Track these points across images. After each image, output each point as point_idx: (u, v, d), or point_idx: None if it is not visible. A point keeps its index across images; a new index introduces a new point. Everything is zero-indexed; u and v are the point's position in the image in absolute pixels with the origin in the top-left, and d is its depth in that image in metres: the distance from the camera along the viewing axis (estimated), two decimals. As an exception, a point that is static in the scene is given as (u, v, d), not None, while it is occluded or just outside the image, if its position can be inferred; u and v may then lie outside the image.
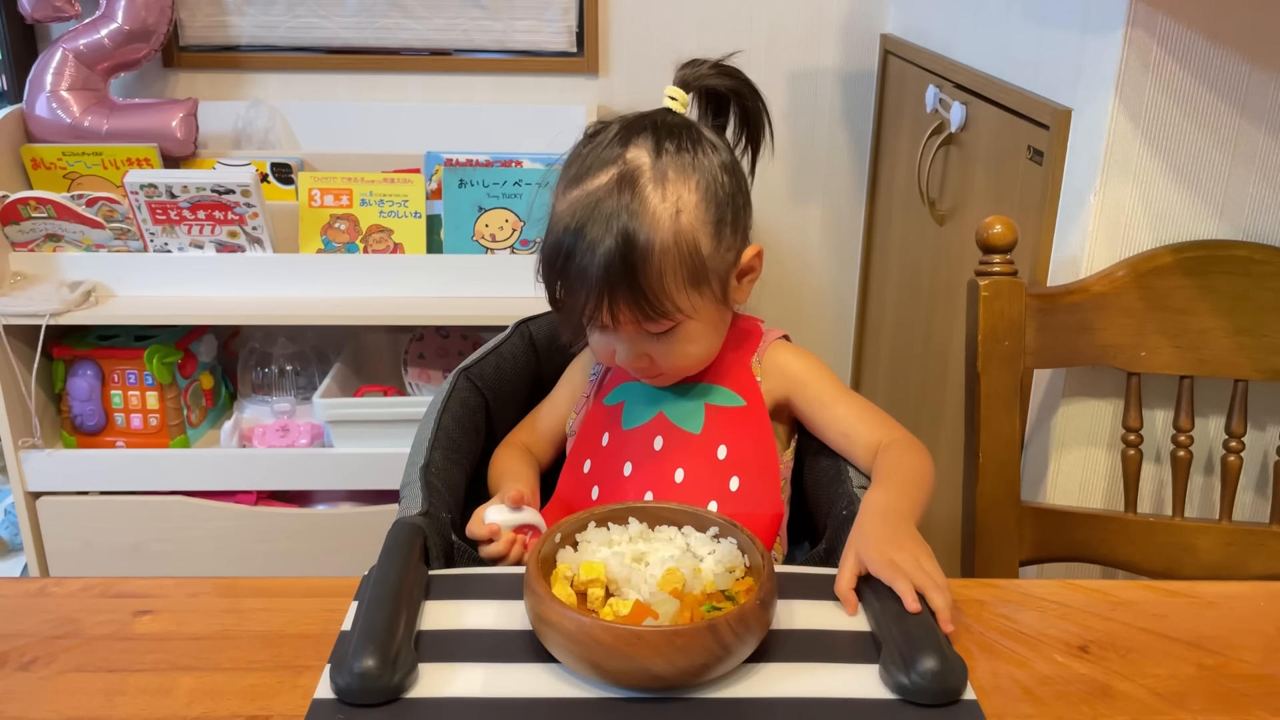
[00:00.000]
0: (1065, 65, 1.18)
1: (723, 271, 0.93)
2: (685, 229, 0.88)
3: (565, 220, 0.89)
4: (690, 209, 0.89)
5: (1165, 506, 1.17)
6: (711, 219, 0.90)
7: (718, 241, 0.91)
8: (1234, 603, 0.79)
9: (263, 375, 1.88)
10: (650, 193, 0.88)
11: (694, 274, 0.89)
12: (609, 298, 0.87)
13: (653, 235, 0.87)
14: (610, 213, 0.87)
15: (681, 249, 0.88)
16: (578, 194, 0.89)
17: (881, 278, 2.00)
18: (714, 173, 0.91)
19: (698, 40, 1.98)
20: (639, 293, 0.87)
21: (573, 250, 0.88)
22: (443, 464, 0.94)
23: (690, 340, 0.93)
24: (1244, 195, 1.11)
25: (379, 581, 0.73)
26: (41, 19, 1.77)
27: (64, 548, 1.75)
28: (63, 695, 0.67)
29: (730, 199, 0.92)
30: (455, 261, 1.69)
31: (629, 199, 0.87)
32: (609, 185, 0.88)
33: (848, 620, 0.74)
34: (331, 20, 1.95)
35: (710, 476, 0.95)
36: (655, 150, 0.90)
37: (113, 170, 1.75)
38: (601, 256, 0.86)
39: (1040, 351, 1.11)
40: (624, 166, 0.89)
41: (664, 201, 0.88)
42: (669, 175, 0.89)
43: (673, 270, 0.88)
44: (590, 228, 0.87)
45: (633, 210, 0.87)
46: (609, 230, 0.86)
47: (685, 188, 0.89)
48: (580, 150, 0.93)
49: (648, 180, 0.88)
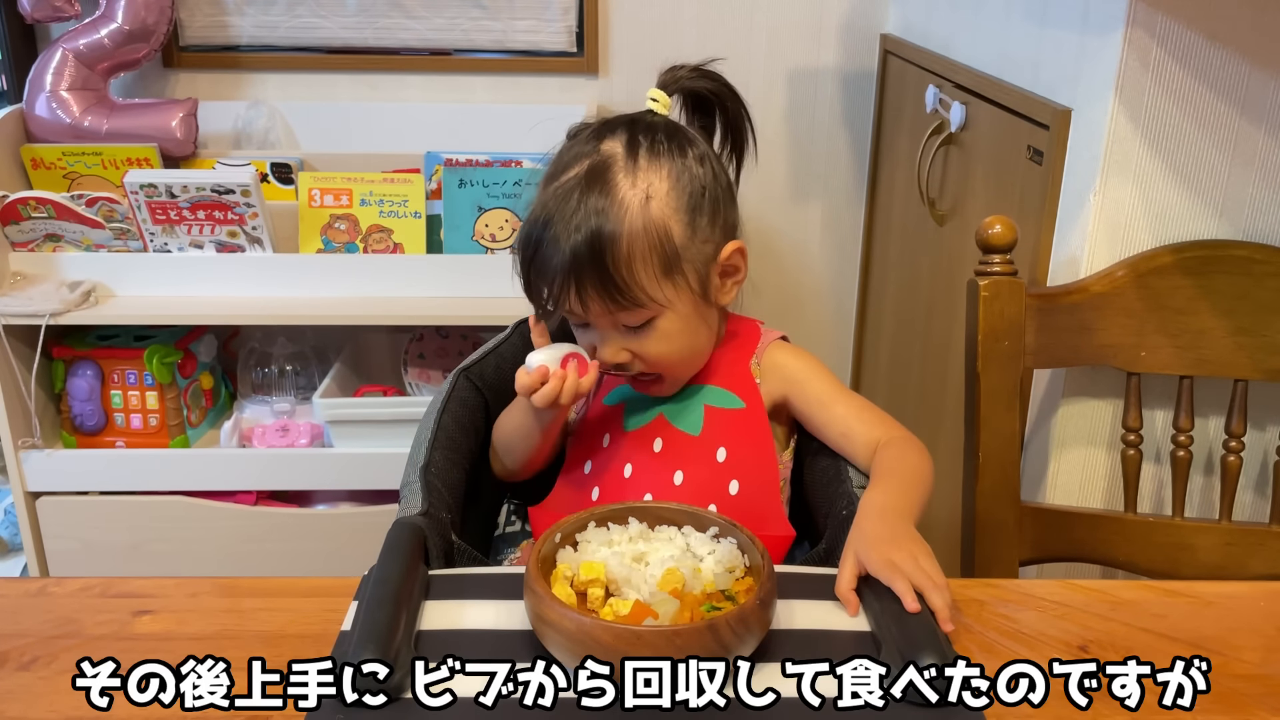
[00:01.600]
0: (1065, 65, 1.18)
1: (699, 264, 0.92)
2: (655, 215, 0.88)
3: (536, 213, 0.90)
4: (661, 196, 0.89)
5: (1165, 506, 1.17)
6: (684, 207, 0.90)
7: (691, 231, 0.91)
8: (1234, 603, 0.79)
9: (263, 375, 1.88)
10: (620, 180, 0.89)
11: (666, 262, 0.89)
12: (576, 285, 0.88)
13: (620, 220, 0.87)
14: (578, 201, 0.88)
15: (651, 235, 0.88)
16: (552, 188, 0.91)
17: (881, 278, 2.00)
18: (687, 163, 0.92)
19: (698, 40, 1.98)
20: (607, 279, 0.87)
21: (541, 239, 0.89)
22: (443, 464, 0.94)
23: (668, 336, 0.92)
24: (1244, 195, 1.11)
25: (379, 581, 0.73)
26: (41, 19, 1.77)
27: (64, 548, 1.75)
28: (63, 695, 0.67)
29: (706, 190, 0.92)
30: (455, 261, 1.69)
31: (598, 187, 0.88)
32: (579, 175, 0.90)
33: (848, 620, 0.74)
34: (331, 20, 1.95)
35: (710, 479, 0.95)
36: (628, 143, 0.91)
37: (113, 170, 1.75)
38: (568, 244, 0.87)
39: (1040, 351, 1.11)
40: (596, 158, 0.90)
41: (633, 189, 0.89)
42: (640, 164, 0.90)
43: (642, 257, 0.88)
44: (558, 217, 0.88)
45: (601, 197, 0.88)
46: (576, 217, 0.87)
47: (656, 175, 0.90)
48: (560, 150, 0.95)
49: (619, 169, 0.90)
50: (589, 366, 0.93)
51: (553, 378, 0.90)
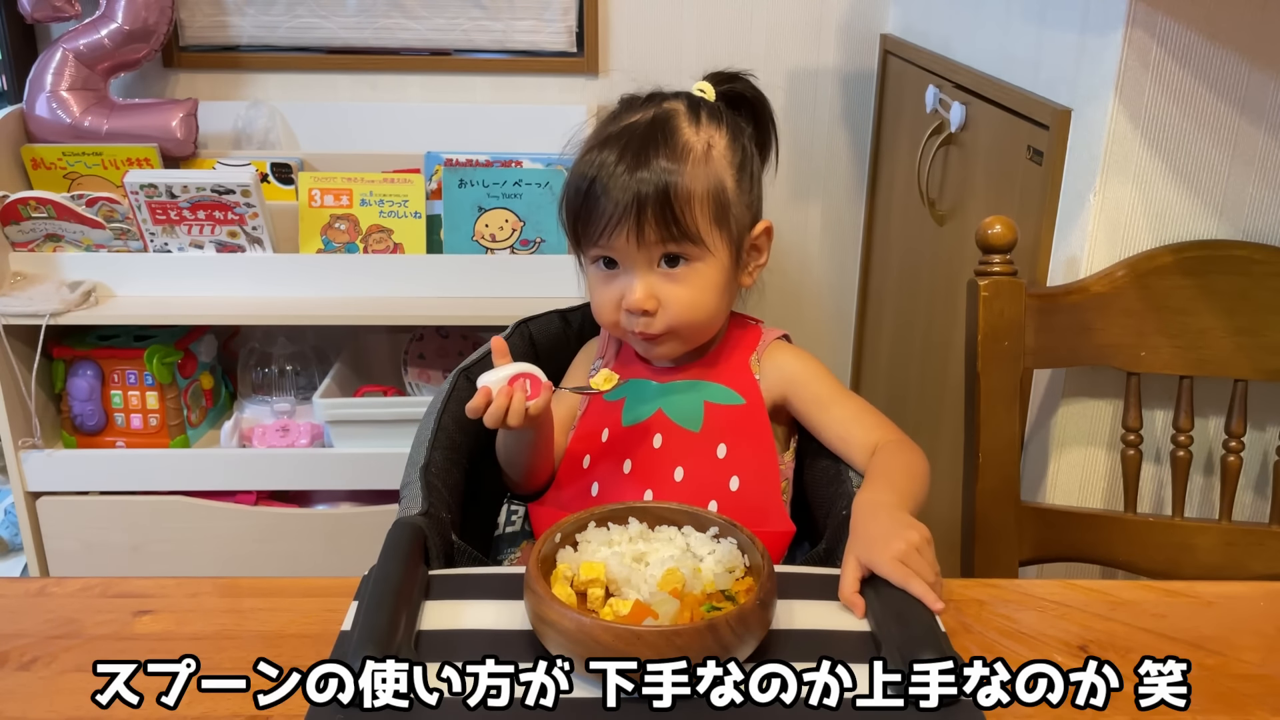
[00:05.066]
0: (1065, 65, 1.18)
1: (741, 225, 0.96)
2: (715, 162, 0.94)
3: (598, 150, 0.94)
4: (720, 148, 0.95)
5: (1165, 506, 1.17)
6: (736, 163, 0.96)
7: (740, 189, 0.96)
8: (1234, 603, 0.79)
9: (263, 375, 1.88)
10: (685, 128, 0.95)
11: (718, 209, 0.94)
12: (638, 213, 0.91)
13: (685, 159, 0.92)
14: (646, 135, 0.93)
15: (709, 179, 0.93)
16: (612, 130, 0.95)
17: (881, 278, 2.00)
18: (738, 130, 0.98)
19: (697, 40, 1.98)
20: (668, 210, 0.91)
21: (608, 165, 0.92)
22: (443, 464, 0.94)
23: (701, 287, 0.94)
24: (1244, 195, 1.11)
25: (379, 581, 0.73)
26: (41, 19, 1.77)
27: (64, 548, 1.75)
28: (63, 695, 0.67)
29: (750, 160, 0.98)
30: (455, 261, 1.69)
31: (664, 131, 0.94)
32: (644, 120, 0.95)
33: (848, 620, 0.74)
34: (331, 20, 1.95)
35: (710, 476, 0.95)
36: (690, 104, 0.97)
37: (113, 170, 1.75)
38: (634, 176, 0.91)
39: (1040, 351, 1.11)
40: (659, 111, 0.96)
41: (697, 136, 0.95)
42: (702, 120, 0.96)
43: (700, 196, 0.92)
44: (627, 148, 0.93)
45: (668, 138, 0.93)
46: (646, 147, 0.92)
47: (716, 131, 0.96)
48: (607, 117, 0.99)
49: (683, 120, 0.95)
50: (541, 388, 0.91)
51: (498, 395, 0.89)
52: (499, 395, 0.89)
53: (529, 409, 0.90)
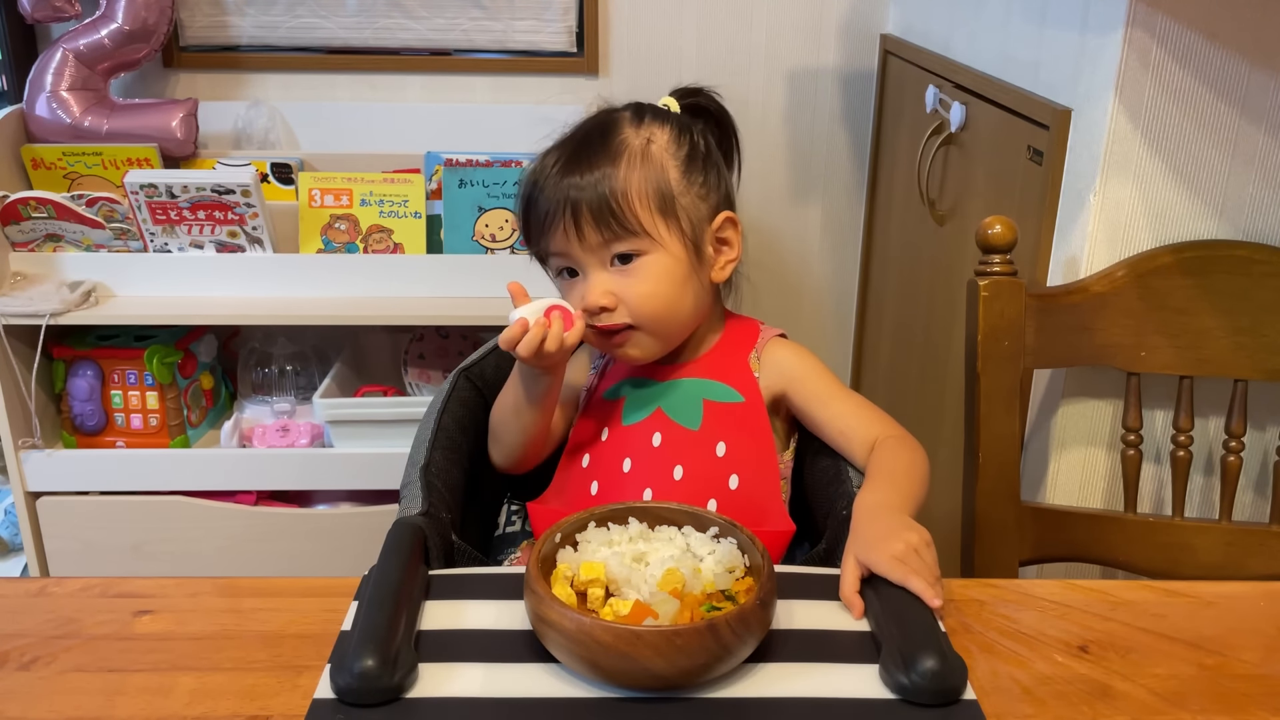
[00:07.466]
0: (1065, 65, 1.18)
1: (693, 217, 0.96)
2: (654, 154, 0.95)
3: (544, 156, 0.97)
4: (662, 142, 0.96)
5: (1165, 506, 1.17)
6: (683, 157, 0.96)
7: (687, 181, 0.96)
8: (1234, 603, 0.79)
9: (263, 375, 1.88)
10: (625, 128, 0.96)
11: (662, 201, 0.94)
12: (573, 210, 0.92)
13: (620, 153, 0.93)
14: (583, 139, 0.95)
15: (649, 172, 0.94)
16: (562, 136, 0.98)
17: (881, 278, 2.00)
18: (688, 130, 0.98)
19: (697, 41, 1.98)
20: (603, 205, 0.91)
21: (547, 168, 0.95)
22: (443, 464, 0.95)
23: (655, 277, 0.94)
24: (1244, 195, 1.11)
25: (379, 581, 0.73)
26: (41, 19, 1.77)
27: (64, 548, 1.75)
28: (63, 695, 0.67)
29: (703, 155, 0.98)
30: (455, 261, 1.69)
31: (603, 133, 0.95)
32: (585, 125, 0.98)
33: (847, 620, 0.74)
34: (331, 20, 1.95)
35: (709, 474, 0.95)
36: (636, 109, 0.99)
37: (113, 170, 1.76)
38: (569, 175, 0.93)
39: (1040, 351, 1.11)
40: (605, 115, 0.98)
41: (637, 134, 0.96)
42: (645, 121, 0.97)
43: (639, 191, 0.93)
44: (564, 151, 0.95)
45: (606, 135, 0.95)
46: (580, 150, 0.94)
47: (659, 130, 0.97)
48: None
49: (625, 122, 0.97)
50: (574, 319, 0.93)
51: (534, 325, 0.90)
52: (535, 326, 0.90)
53: (565, 339, 0.90)
